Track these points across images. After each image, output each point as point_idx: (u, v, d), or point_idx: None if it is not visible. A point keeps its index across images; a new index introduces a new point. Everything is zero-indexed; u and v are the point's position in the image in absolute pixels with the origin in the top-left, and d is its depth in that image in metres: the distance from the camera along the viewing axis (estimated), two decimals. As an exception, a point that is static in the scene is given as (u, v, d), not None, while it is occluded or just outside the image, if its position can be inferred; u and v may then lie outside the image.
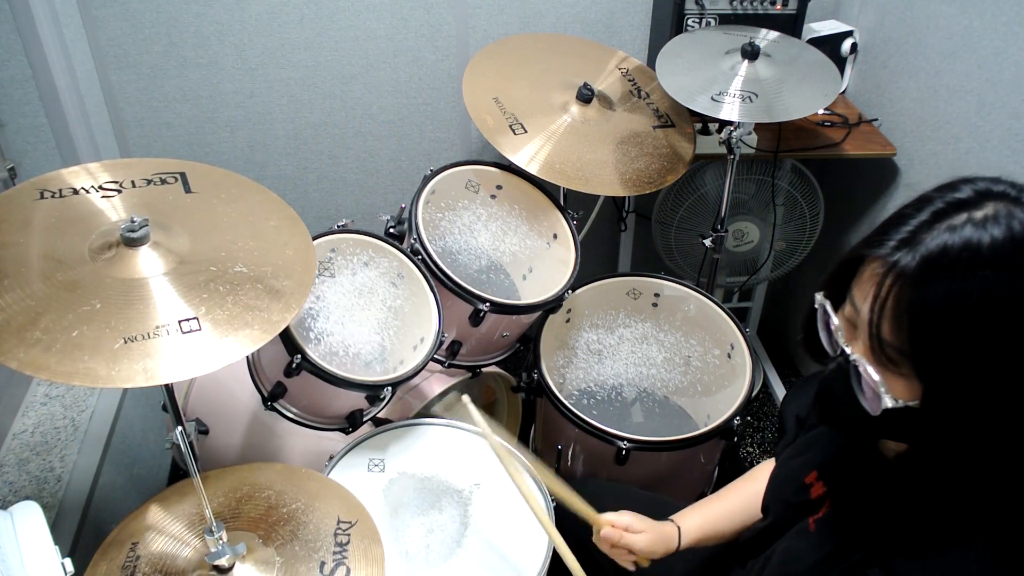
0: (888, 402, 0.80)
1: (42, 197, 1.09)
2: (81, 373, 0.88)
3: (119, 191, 1.13)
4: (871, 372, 0.81)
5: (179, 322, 0.96)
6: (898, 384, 0.80)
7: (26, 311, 0.92)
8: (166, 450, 2.15)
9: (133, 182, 1.16)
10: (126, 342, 0.92)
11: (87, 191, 1.11)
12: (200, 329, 0.96)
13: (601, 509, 1.39)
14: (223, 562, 1.14)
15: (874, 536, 0.91)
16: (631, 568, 1.28)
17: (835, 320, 0.87)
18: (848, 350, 0.84)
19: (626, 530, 1.25)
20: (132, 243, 1.01)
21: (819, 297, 0.90)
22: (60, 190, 1.10)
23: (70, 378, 0.88)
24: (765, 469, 1.32)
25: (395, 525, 1.37)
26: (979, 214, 0.75)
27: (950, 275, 0.75)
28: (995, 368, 0.76)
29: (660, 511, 1.39)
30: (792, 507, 1.06)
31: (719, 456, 1.79)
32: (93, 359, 0.90)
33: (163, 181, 1.18)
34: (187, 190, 1.18)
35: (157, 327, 0.95)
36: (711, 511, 1.32)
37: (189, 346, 0.94)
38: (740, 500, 1.30)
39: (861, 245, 0.83)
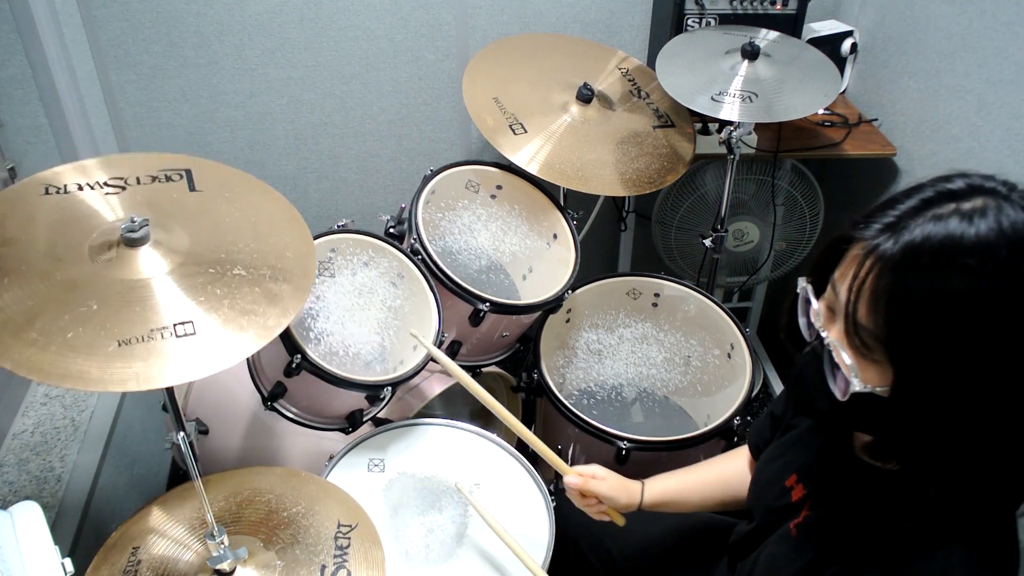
0: (857, 386, 0.80)
1: (47, 193, 1.08)
2: (74, 376, 0.88)
3: (123, 188, 1.12)
4: (844, 356, 0.81)
5: (174, 325, 0.96)
6: (870, 370, 0.80)
7: (24, 311, 0.92)
8: (166, 450, 2.15)
9: (138, 179, 1.15)
10: (120, 345, 0.92)
11: (91, 187, 1.11)
12: (195, 333, 0.96)
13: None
14: (225, 566, 1.13)
15: (856, 541, 0.91)
16: (603, 518, 1.30)
17: (815, 304, 0.87)
18: (824, 334, 0.84)
19: (592, 477, 1.28)
20: (132, 243, 1.01)
21: (802, 282, 0.91)
22: (64, 186, 1.10)
23: (62, 380, 0.87)
24: (743, 451, 1.33)
25: (395, 525, 1.37)
26: (967, 206, 0.75)
27: (931, 265, 0.74)
28: (968, 362, 0.75)
29: (658, 517, 1.40)
30: (775, 511, 1.07)
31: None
32: (87, 362, 0.89)
33: (168, 178, 1.17)
34: (191, 188, 1.17)
35: (152, 330, 0.94)
36: (678, 479, 1.33)
37: (183, 350, 0.94)
38: (711, 475, 1.31)
39: (847, 227, 0.83)
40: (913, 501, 0.85)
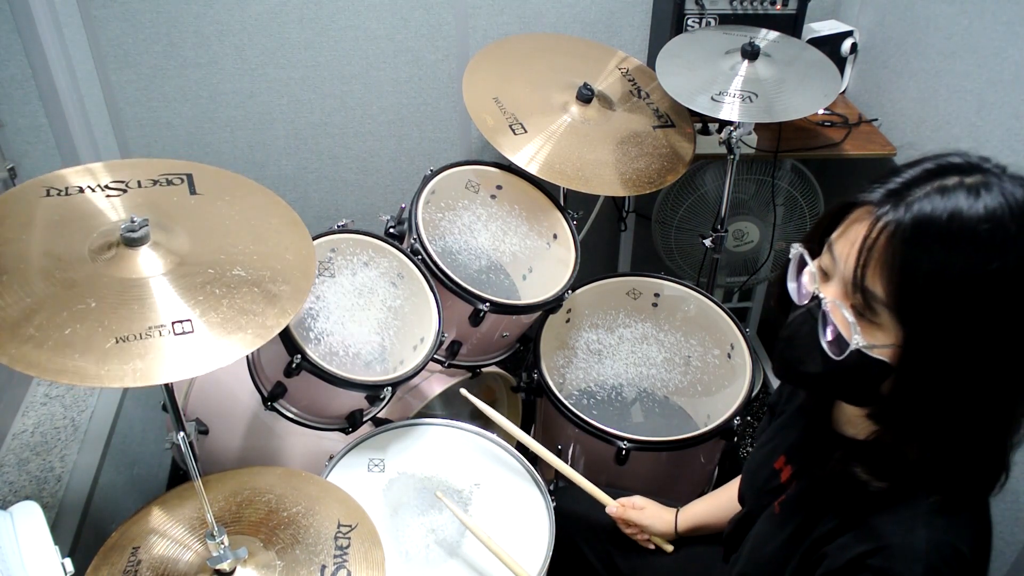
0: (858, 342, 0.81)
1: (48, 195, 1.08)
2: (70, 371, 0.88)
3: (124, 191, 1.13)
4: (846, 314, 0.82)
5: (172, 323, 0.95)
6: (869, 331, 0.82)
7: (22, 308, 0.92)
8: (166, 450, 2.15)
9: (139, 182, 1.15)
10: (118, 342, 0.91)
11: (92, 189, 1.11)
12: (193, 331, 0.95)
13: (600, 513, 1.44)
14: (225, 566, 1.13)
15: (832, 509, 0.92)
16: (649, 546, 1.42)
17: (812, 265, 0.88)
18: (821, 294, 0.86)
19: (632, 507, 1.41)
20: (132, 243, 1.01)
21: (796, 247, 0.92)
22: (66, 188, 1.10)
23: (59, 375, 0.87)
24: None
25: (395, 525, 1.38)
26: (970, 180, 0.77)
27: (943, 237, 0.76)
28: (976, 331, 0.77)
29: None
30: (765, 494, 1.08)
31: (719, 456, 1.79)
32: (83, 357, 0.89)
33: (169, 182, 1.17)
34: (192, 191, 1.17)
35: (150, 328, 0.94)
36: (708, 503, 1.41)
37: (181, 348, 0.93)
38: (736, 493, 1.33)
39: (850, 196, 0.85)
40: (885, 465, 0.87)
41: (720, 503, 1.38)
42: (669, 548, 1.41)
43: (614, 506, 1.42)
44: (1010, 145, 1.64)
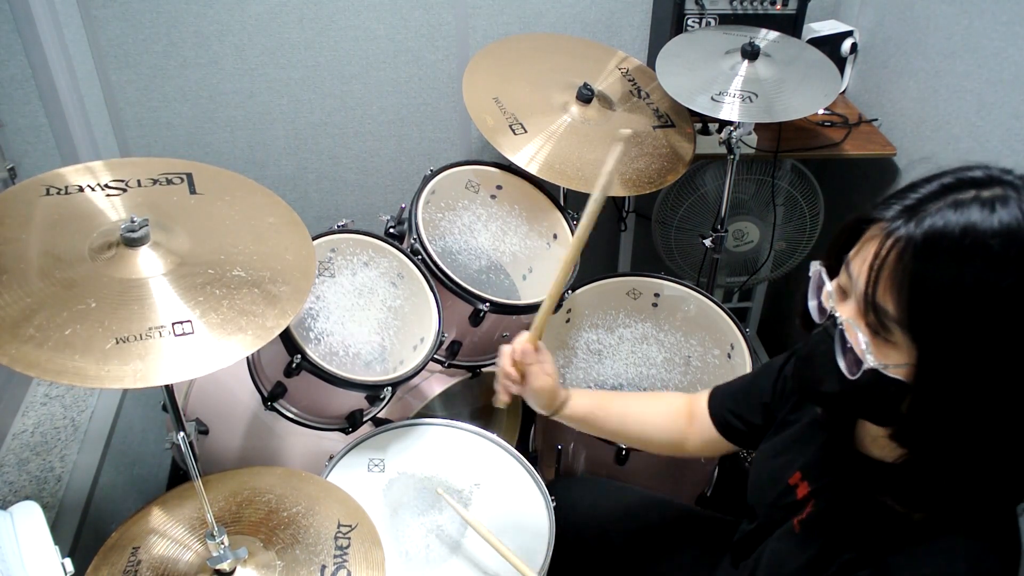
0: (871, 362, 0.80)
1: (47, 194, 1.08)
2: (70, 372, 0.88)
3: (124, 190, 1.13)
4: (859, 333, 0.81)
5: (172, 324, 0.95)
6: (884, 349, 0.81)
7: (22, 308, 0.92)
8: (166, 450, 2.15)
9: (139, 181, 1.15)
10: (118, 342, 0.91)
11: (92, 189, 1.11)
12: (193, 332, 0.95)
13: (603, 508, 1.41)
14: (225, 566, 1.13)
15: (859, 534, 0.91)
16: (503, 397, 1.20)
17: (828, 285, 0.88)
18: (837, 313, 0.85)
19: (543, 372, 1.19)
20: (132, 243, 1.01)
21: (815, 265, 0.91)
22: (66, 187, 1.10)
23: (59, 376, 0.87)
24: (670, 397, 1.35)
25: (395, 525, 1.38)
26: (987, 194, 0.76)
27: (953, 252, 0.75)
28: (990, 348, 0.76)
29: (660, 510, 1.40)
30: (779, 508, 1.07)
31: (719, 456, 1.78)
32: (84, 358, 0.89)
33: (169, 181, 1.17)
34: (192, 191, 1.17)
35: (150, 328, 0.94)
36: (602, 401, 1.30)
37: (181, 349, 0.94)
38: (634, 409, 1.31)
39: (865, 212, 0.84)
40: (916, 492, 0.86)
41: (607, 410, 1.28)
42: (502, 406, 1.21)
43: (528, 350, 1.17)
44: (1010, 145, 1.64)
